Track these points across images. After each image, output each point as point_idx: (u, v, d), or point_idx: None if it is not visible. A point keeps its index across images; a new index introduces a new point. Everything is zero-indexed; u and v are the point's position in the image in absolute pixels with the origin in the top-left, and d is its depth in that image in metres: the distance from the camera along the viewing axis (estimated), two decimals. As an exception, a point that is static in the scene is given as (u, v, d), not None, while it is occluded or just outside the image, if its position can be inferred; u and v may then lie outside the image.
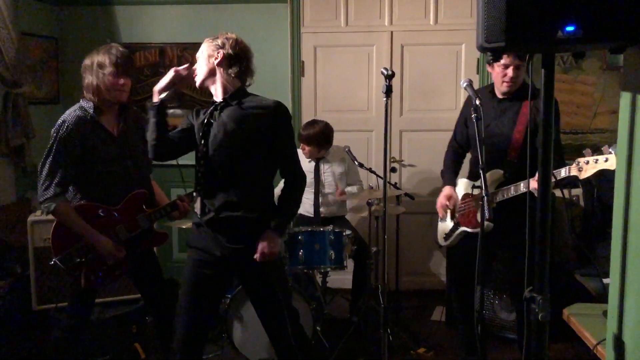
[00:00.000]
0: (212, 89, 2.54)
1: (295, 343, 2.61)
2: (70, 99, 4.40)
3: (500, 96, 3.01)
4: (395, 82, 4.63)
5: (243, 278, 2.68)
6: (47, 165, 2.61)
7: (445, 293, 4.20)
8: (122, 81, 2.69)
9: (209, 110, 2.54)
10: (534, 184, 2.74)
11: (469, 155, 3.34)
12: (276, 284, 2.53)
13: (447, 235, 3.19)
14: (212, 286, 2.57)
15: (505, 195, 2.88)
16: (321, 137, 3.97)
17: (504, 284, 3.69)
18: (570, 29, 1.36)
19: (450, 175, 3.23)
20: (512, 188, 2.85)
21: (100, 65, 2.66)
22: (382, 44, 4.64)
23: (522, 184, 2.79)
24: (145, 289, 3.01)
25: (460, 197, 3.17)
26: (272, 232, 2.48)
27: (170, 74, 2.56)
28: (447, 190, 3.17)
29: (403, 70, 4.65)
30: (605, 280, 3.01)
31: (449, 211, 3.18)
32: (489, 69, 3.10)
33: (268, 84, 4.62)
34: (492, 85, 3.07)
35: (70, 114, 2.68)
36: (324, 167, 4.10)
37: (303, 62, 4.68)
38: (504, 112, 2.98)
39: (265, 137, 2.46)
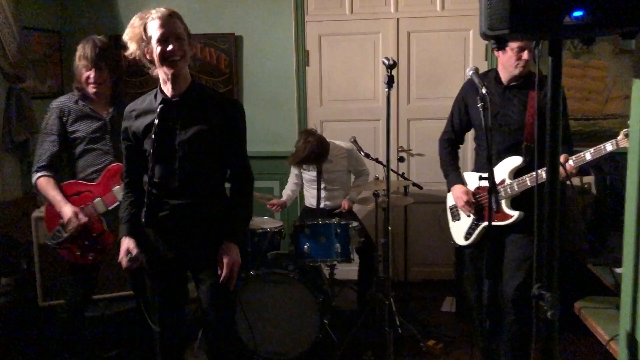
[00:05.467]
0: (164, 78, 2.34)
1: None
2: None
3: (506, 83, 2.91)
4: (402, 70, 4.55)
5: (194, 271, 2.53)
6: (37, 147, 2.90)
7: (455, 284, 4.15)
8: (90, 74, 2.78)
9: (157, 109, 2.30)
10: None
11: (470, 148, 3.24)
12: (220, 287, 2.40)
13: (469, 234, 3.06)
14: (171, 284, 2.49)
15: (519, 188, 2.82)
16: (318, 151, 3.73)
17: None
18: (578, 14, 1.29)
19: (455, 174, 3.13)
20: (528, 180, 2.78)
21: (78, 58, 2.79)
22: (388, 31, 4.55)
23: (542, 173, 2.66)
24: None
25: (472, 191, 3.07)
26: (230, 244, 2.36)
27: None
28: (461, 188, 3.05)
29: (410, 57, 4.57)
30: (616, 270, 2.94)
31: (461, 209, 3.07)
32: (497, 53, 2.99)
33: (273, 74, 4.58)
34: (495, 71, 2.96)
35: (58, 99, 2.91)
36: (327, 167, 3.99)
37: (308, 51, 4.62)
38: (511, 99, 2.90)
39: (219, 133, 2.35)
